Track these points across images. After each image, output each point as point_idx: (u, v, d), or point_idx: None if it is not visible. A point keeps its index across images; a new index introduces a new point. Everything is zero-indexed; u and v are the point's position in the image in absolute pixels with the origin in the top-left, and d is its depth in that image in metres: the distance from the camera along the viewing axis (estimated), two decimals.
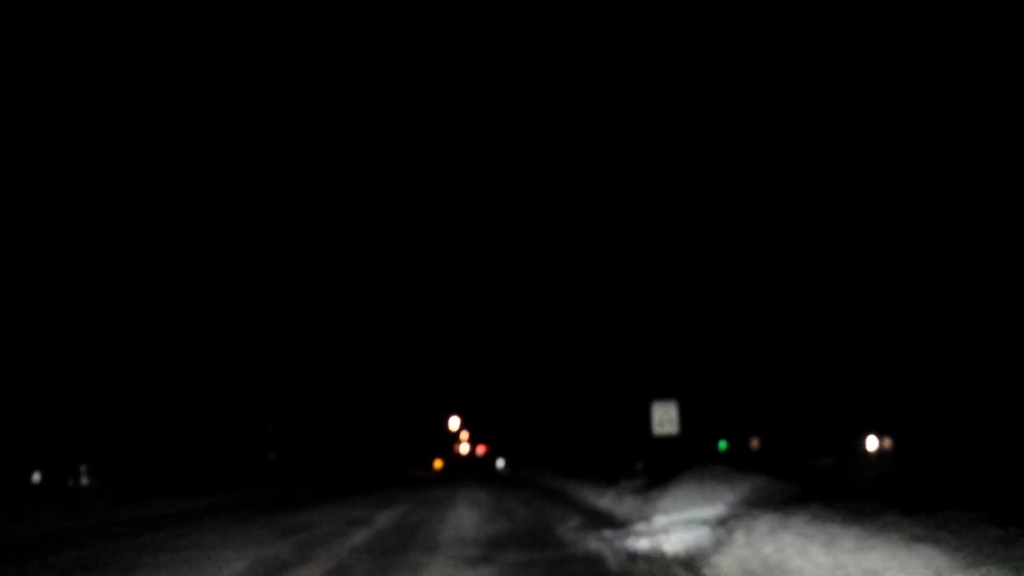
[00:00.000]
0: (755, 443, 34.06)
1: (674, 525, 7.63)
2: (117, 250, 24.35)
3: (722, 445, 28.70)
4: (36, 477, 22.41)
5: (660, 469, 12.63)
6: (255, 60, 32.13)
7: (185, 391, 26.90)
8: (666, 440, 14.77)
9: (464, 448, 62.65)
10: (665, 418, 13.86)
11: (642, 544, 7.03)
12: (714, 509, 8.33)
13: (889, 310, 21.98)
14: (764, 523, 5.89)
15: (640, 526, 8.14)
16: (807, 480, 10.71)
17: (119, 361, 24.38)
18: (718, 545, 6.10)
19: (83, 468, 22.86)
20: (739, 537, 5.89)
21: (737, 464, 14.61)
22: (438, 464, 54.46)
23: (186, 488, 19.69)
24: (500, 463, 56.50)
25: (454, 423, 60.16)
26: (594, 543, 7.46)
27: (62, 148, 22.52)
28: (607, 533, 8.04)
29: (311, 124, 38.98)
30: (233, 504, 14.99)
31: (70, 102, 23.02)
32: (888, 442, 30.38)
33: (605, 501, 11.25)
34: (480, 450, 62.62)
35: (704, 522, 7.47)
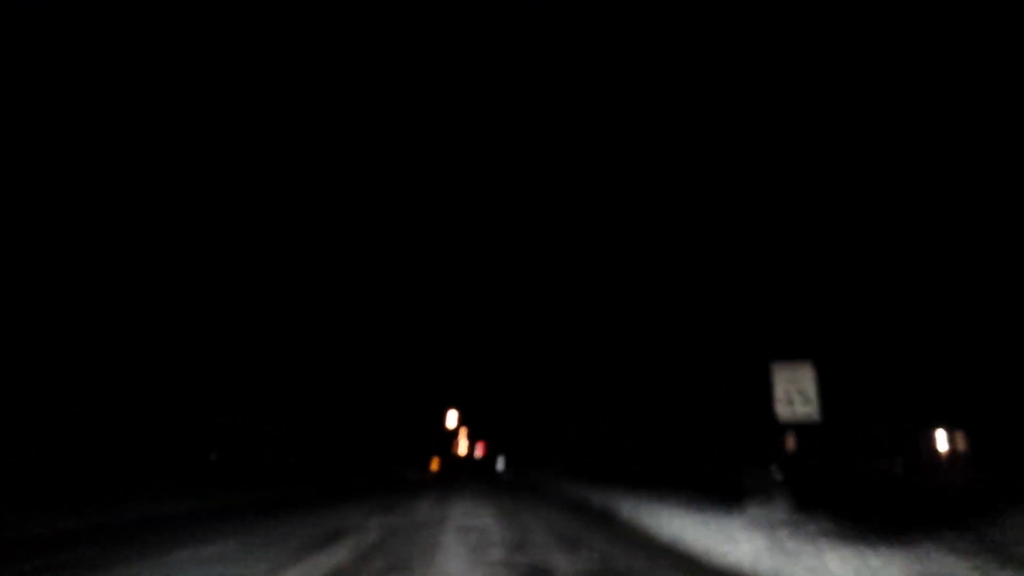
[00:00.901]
0: (789, 441, 29.23)
1: None
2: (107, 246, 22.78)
3: None
4: None
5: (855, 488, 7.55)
6: (255, 60, 32.14)
7: (113, 376, 22.45)
8: (800, 428, 9.99)
9: (462, 447, 58.35)
10: (793, 389, 8.75)
11: None
12: None
13: (958, 275, 19.15)
14: None
15: None
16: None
17: (38, 341, 20.39)
18: None
19: None
20: None
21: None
22: (435, 465, 49.62)
23: (94, 495, 15.60)
24: (500, 464, 52.69)
25: (452, 419, 55.67)
26: None
27: (62, 148, 22.06)
28: None
29: (311, 123, 38.16)
30: (105, 527, 9.98)
31: (70, 102, 22.56)
32: (961, 439, 25.24)
33: (746, 552, 5.95)
34: (479, 449, 58.69)
35: None
